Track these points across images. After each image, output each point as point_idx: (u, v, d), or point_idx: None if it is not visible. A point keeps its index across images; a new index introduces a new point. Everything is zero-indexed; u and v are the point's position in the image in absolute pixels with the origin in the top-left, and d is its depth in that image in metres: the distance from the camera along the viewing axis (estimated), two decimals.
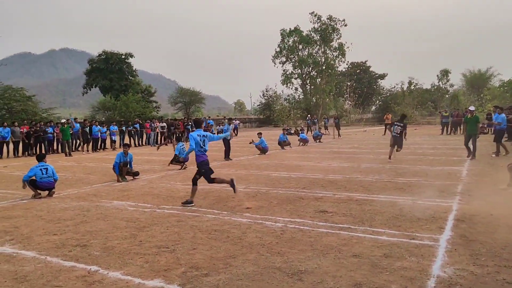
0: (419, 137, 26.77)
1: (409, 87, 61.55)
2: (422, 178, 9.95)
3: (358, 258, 4.59)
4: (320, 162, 13.92)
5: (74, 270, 4.56)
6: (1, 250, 5.36)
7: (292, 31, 64.00)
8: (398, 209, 6.89)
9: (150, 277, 4.26)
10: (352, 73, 73.09)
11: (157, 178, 11.58)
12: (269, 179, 10.65)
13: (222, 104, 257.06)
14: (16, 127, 20.96)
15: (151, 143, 26.45)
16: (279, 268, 4.38)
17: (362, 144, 22.17)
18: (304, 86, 66.20)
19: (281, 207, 7.34)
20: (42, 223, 6.74)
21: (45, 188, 9.13)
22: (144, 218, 6.82)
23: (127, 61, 59.05)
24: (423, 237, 5.31)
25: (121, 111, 47.48)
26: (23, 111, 36.25)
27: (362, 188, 8.89)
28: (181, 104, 64.94)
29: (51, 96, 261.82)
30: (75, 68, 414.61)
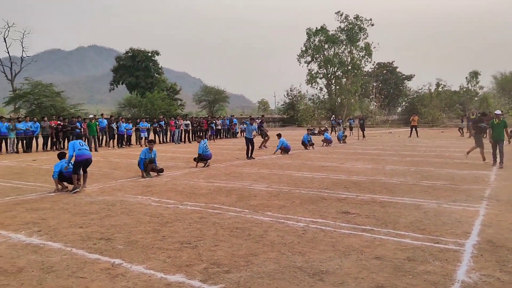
0: (446, 140, 26.26)
1: (437, 89, 60.32)
2: (448, 182, 9.75)
3: (380, 260, 4.54)
4: (344, 163, 13.81)
5: (98, 262, 4.65)
6: (29, 241, 5.51)
7: (318, 31, 63.63)
8: (422, 212, 6.78)
9: (172, 272, 4.31)
10: (379, 73, 72.15)
11: (180, 175, 11.70)
12: (292, 179, 10.62)
13: (246, 103, 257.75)
14: (45, 121, 21.50)
15: (175, 141, 26.73)
16: (300, 268, 4.37)
17: (387, 146, 21.88)
18: (329, 86, 65.76)
19: (303, 207, 7.31)
20: (68, 216, 6.90)
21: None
22: (167, 214, 6.90)
23: (153, 58, 59.85)
24: (448, 241, 5.21)
25: (146, 108, 48.15)
26: (52, 107, 37.12)
27: (386, 190, 8.78)
28: (206, 103, 65.40)
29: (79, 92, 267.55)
30: (102, 65, 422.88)
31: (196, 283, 4.03)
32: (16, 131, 19.90)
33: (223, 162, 14.63)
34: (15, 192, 9.29)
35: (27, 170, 13.14)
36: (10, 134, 19.74)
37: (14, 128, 19.78)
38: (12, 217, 6.85)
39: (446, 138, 28.15)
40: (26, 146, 20.45)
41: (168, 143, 26.61)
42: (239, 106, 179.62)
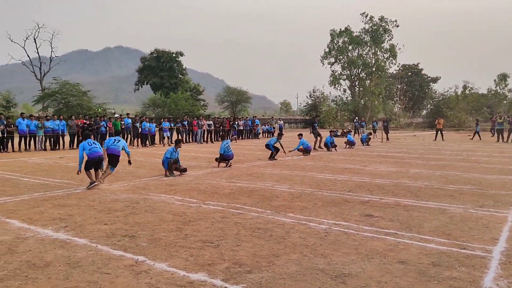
0: (472, 143, 25.70)
1: (464, 92, 59.13)
2: (475, 186, 9.54)
3: (404, 265, 4.48)
4: (367, 166, 13.66)
5: (122, 259, 4.73)
6: (56, 236, 5.65)
7: (342, 32, 63.27)
8: (448, 217, 6.65)
9: (194, 270, 4.35)
10: (403, 75, 71.26)
11: (203, 174, 11.79)
12: (314, 180, 10.58)
13: (268, 104, 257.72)
14: (72, 120, 22.00)
15: (198, 140, 26.96)
16: (322, 270, 4.35)
17: (411, 149, 21.55)
18: (352, 87, 65.25)
19: (326, 209, 7.27)
20: (94, 213, 7.04)
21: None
22: (190, 213, 6.97)
23: (178, 59, 60.53)
24: (474, 247, 5.09)
25: (170, 108, 48.70)
26: (79, 106, 37.93)
27: (410, 194, 8.65)
28: (228, 103, 65.75)
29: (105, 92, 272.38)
30: (128, 66, 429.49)
31: (218, 282, 4.06)
32: (44, 129, 20.44)
33: (245, 163, 14.68)
34: (43, 188, 9.53)
35: (55, 167, 13.47)
36: (39, 132, 20.28)
37: (42, 126, 20.32)
38: (40, 213, 7.03)
39: (473, 142, 27.53)
40: (53, 144, 20.99)
41: (191, 142, 26.85)
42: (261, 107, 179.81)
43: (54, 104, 39.51)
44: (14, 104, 44.76)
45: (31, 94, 50.05)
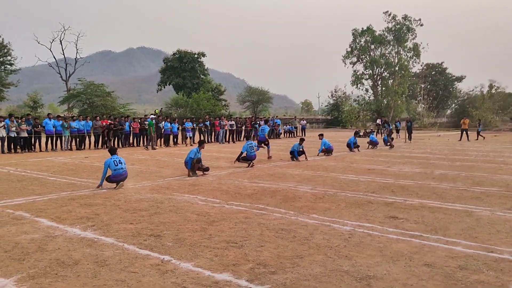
0: (499, 144, 25.11)
1: (490, 91, 57.77)
2: (503, 188, 9.33)
3: (430, 268, 4.43)
4: (391, 167, 13.51)
5: (148, 258, 4.81)
6: (84, 235, 5.78)
7: (364, 31, 62.55)
8: (474, 219, 6.53)
9: (219, 271, 4.40)
10: (427, 74, 70.12)
11: (225, 174, 11.86)
12: (337, 181, 10.52)
13: (289, 103, 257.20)
14: (97, 121, 22.42)
15: (220, 141, 27.11)
16: (347, 272, 4.34)
17: (435, 149, 21.20)
18: (375, 87, 64.48)
19: (349, 210, 7.23)
20: (119, 212, 7.18)
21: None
22: (214, 213, 7.03)
23: (200, 60, 60.94)
24: (503, 251, 4.99)
25: (192, 108, 49.07)
26: (103, 106, 38.61)
27: (436, 196, 8.52)
28: (249, 103, 65.86)
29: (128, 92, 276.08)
30: (150, 66, 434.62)
31: (243, 282, 4.09)
32: (70, 129, 20.90)
33: (267, 163, 14.70)
34: (70, 187, 9.75)
35: (80, 167, 13.76)
36: (65, 132, 20.74)
37: (68, 127, 20.77)
38: (68, 212, 7.21)
39: (500, 142, 26.90)
40: (79, 143, 21.44)
41: (213, 142, 27.02)
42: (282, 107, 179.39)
43: (79, 104, 40.33)
44: (41, 104, 45.91)
45: (57, 95, 51.21)
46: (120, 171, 9.59)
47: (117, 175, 9.55)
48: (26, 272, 4.38)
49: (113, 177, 9.55)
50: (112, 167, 9.53)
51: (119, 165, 9.60)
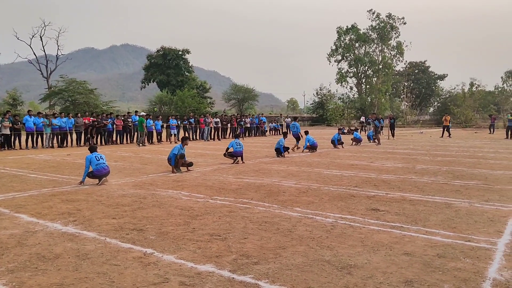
0: (479, 140, 25.57)
1: (471, 89, 58.72)
2: (481, 182, 9.52)
3: (409, 257, 4.51)
4: (373, 162, 13.66)
5: (131, 251, 4.80)
6: (65, 230, 5.73)
7: (349, 29, 63.03)
8: (453, 211, 6.66)
9: (202, 262, 4.41)
10: (410, 73, 70.95)
11: (210, 170, 11.85)
12: (321, 176, 10.60)
13: (275, 102, 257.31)
14: (79, 118, 22.15)
15: (205, 138, 27.05)
16: (329, 261, 4.39)
17: (418, 145, 21.49)
18: (359, 85, 65.05)
19: (332, 203, 7.30)
20: (102, 207, 7.12)
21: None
22: (197, 207, 7.03)
23: (184, 57, 60.66)
24: (479, 239, 5.11)
25: (177, 105, 48.84)
26: (86, 103, 38.16)
27: (417, 189, 8.66)
28: (235, 101, 65.81)
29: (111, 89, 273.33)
30: (134, 63, 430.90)
31: (226, 273, 4.11)
32: (52, 127, 20.60)
33: (252, 159, 14.72)
34: (51, 184, 9.64)
35: (62, 164, 13.60)
36: (46, 129, 20.45)
37: (50, 124, 20.48)
38: (49, 207, 7.12)
39: (480, 138, 27.39)
40: (60, 141, 21.16)
41: (198, 140, 26.94)
42: (268, 105, 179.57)
43: (61, 102, 39.79)
44: (21, 102, 45.18)
45: (38, 92, 50.46)
46: (102, 165, 9.55)
47: (100, 169, 9.49)
48: (5, 267, 4.33)
49: (96, 172, 9.48)
50: (94, 162, 9.47)
51: (100, 160, 9.56)
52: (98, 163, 9.50)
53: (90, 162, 9.50)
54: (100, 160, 9.57)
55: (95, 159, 9.52)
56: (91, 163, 9.49)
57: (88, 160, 9.52)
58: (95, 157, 9.55)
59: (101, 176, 9.53)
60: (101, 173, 9.53)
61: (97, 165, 9.48)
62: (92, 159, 9.52)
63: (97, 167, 9.48)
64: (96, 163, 9.48)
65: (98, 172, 9.49)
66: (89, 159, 9.52)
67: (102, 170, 9.55)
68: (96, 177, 9.53)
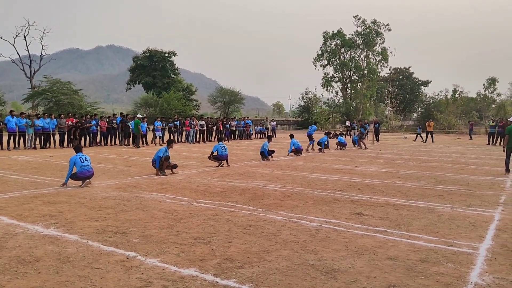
0: (461, 146, 25.96)
1: (454, 95, 59.63)
2: (463, 187, 9.66)
3: (393, 261, 4.54)
4: (358, 166, 13.76)
5: (113, 254, 4.74)
6: (46, 232, 5.63)
7: (335, 34, 63.44)
8: (436, 215, 6.74)
9: (185, 266, 4.37)
10: (395, 78, 71.73)
11: (194, 173, 11.79)
12: (306, 180, 10.63)
13: (261, 105, 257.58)
14: (62, 119, 21.83)
15: (190, 141, 26.91)
16: (313, 266, 4.39)
17: (401, 150, 21.72)
18: (344, 90, 65.50)
19: (317, 207, 7.32)
20: (84, 210, 7.02)
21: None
22: (182, 211, 6.98)
23: (170, 59, 60.41)
24: (461, 244, 5.18)
25: (162, 108, 48.55)
26: (70, 104, 37.67)
27: (400, 194, 8.74)
28: (221, 104, 65.68)
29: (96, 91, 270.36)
30: (119, 65, 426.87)
31: (209, 277, 4.08)
32: (34, 128, 20.25)
33: (237, 162, 14.70)
34: (32, 186, 9.47)
35: (44, 166, 13.38)
36: (29, 130, 20.09)
37: (32, 125, 20.14)
38: (30, 210, 7.00)
39: (462, 144, 27.81)
40: (43, 142, 20.81)
41: (183, 142, 26.80)
42: (254, 108, 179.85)
43: (44, 102, 39.21)
44: (3, 102, 44.32)
45: (21, 93, 49.65)
46: (86, 167, 9.42)
47: (83, 171, 9.37)
48: None
49: (80, 174, 9.36)
50: (78, 164, 9.35)
51: (85, 162, 9.44)
52: (83, 165, 9.38)
53: (74, 163, 9.38)
54: (85, 162, 9.46)
55: (80, 160, 9.40)
56: (75, 164, 9.37)
57: (73, 161, 9.40)
58: (80, 159, 9.43)
59: (84, 178, 9.41)
60: (84, 175, 9.41)
61: (82, 167, 9.36)
62: (77, 160, 9.39)
63: (81, 169, 9.36)
64: (80, 164, 9.36)
65: (81, 174, 9.37)
66: (74, 160, 9.39)
67: (86, 173, 9.43)
68: (79, 179, 9.40)
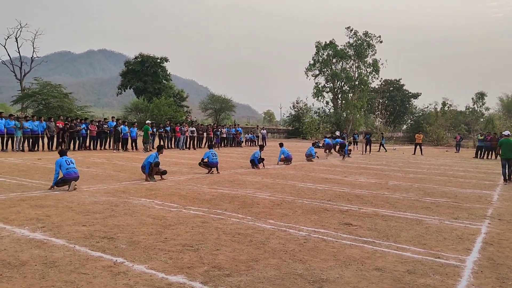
0: (450, 158, 26.22)
1: (443, 108, 60.27)
2: (451, 200, 9.75)
3: (380, 272, 4.56)
4: (347, 176, 13.82)
5: (100, 260, 4.70)
6: (32, 236, 5.57)
7: (327, 45, 63.90)
8: (424, 227, 6.79)
9: (173, 273, 4.35)
10: (385, 90, 72.37)
11: (184, 180, 11.75)
12: (295, 189, 10.66)
13: (252, 113, 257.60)
14: (51, 122, 21.64)
15: (180, 147, 26.83)
16: (301, 275, 4.40)
17: (390, 161, 21.87)
18: (335, 100, 65.86)
19: (306, 216, 7.34)
20: (72, 214, 6.96)
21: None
22: (170, 217, 6.95)
23: (162, 65, 60.29)
24: (449, 256, 5.22)
25: (153, 113, 48.34)
26: (59, 107, 37.30)
27: (389, 205, 8.80)
28: (212, 111, 65.64)
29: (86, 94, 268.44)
30: (111, 69, 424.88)
31: (197, 284, 4.07)
32: (23, 130, 20.05)
33: (227, 170, 14.68)
34: (20, 188, 9.37)
35: (32, 168, 13.25)
36: (17, 133, 19.87)
37: (21, 127, 19.93)
38: (17, 213, 6.92)
39: (450, 157, 28.09)
40: (32, 145, 20.60)
41: (173, 148, 26.70)
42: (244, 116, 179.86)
43: (34, 105, 38.78)
44: None
45: (10, 94, 49.12)
46: (72, 169, 9.43)
47: (69, 173, 9.36)
48: None
49: (66, 175, 9.33)
50: (64, 166, 9.36)
51: (70, 165, 9.46)
52: (69, 167, 9.39)
53: (60, 166, 9.34)
54: (71, 164, 9.47)
55: (65, 163, 9.40)
56: (61, 167, 9.34)
57: (58, 164, 9.38)
58: (65, 161, 9.43)
59: (70, 179, 9.34)
60: (71, 177, 9.38)
61: (67, 169, 9.35)
62: (62, 163, 9.39)
63: (67, 171, 9.35)
64: (66, 167, 9.36)
65: (68, 176, 9.34)
66: (59, 163, 9.39)
67: (72, 174, 9.42)
68: (66, 182, 9.34)
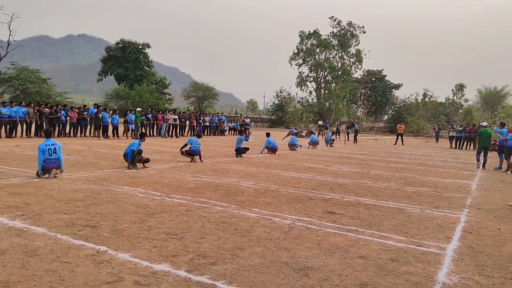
0: (430, 149, 26.65)
1: (424, 99, 61.10)
2: (432, 189, 9.92)
3: (364, 260, 4.62)
4: (330, 166, 13.92)
5: (83, 248, 4.63)
6: (12, 224, 5.45)
7: (311, 34, 63.93)
8: (406, 216, 6.89)
9: (158, 261, 4.32)
10: (367, 80, 72.90)
11: (167, 168, 11.66)
12: (279, 178, 10.68)
13: (235, 102, 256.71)
14: (31, 107, 21.16)
15: (162, 135, 26.59)
16: (286, 263, 4.41)
17: (372, 151, 22.12)
18: (318, 90, 66.16)
19: (290, 205, 7.37)
20: (52, 202, 6.84)
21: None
22: (154, 205, 6.89)
23: (144, 51, 59.49)
24: (430, 245, 5.31)
25: (134, 100, 47.78)
26: (37, 93, 36.54)
27: (371, 194, 8.90)
28: (194, 99, 65.21)
29: (65, 80, 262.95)
30: (91, 55, 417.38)
31: (182, 273, 4.05)
32: (0, 116, 19.53)
33: (211, 158, 14.63)
34: None
35: (10, 155, 12.95)
36: None
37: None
38: None
39: (430, 147, 28.55)
40: (9, 131, 20.10)
41: (155, 136, 26.45)
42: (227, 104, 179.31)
43: (11, 90, 37.88)
44: None
45: None
46: (52, 161, 9.24)
47: (50, 163, 9.20)
48: None
49: (47, 165, 9.14)
50: (46, 156, 9.11)
51: (53, 155, 9.22)
52: (50, 158, 9.18)
53: (42, 152, 9.13)
54: (53, 155, 9.24)
55: (48, 153, 9.17)
56: (44, 154, 9.13)
57: (41, 150, 9.16)
58: (49, 150, 9.20)
59: (50, 169, 9.17)
60: (51, 167, 9.19)
61: (48, 160, 9.16)
62: (45, 150, 9.16)
63: (47, 162, 9.15)
64: (47, 157, 9.15)
65: (48, 166, 9.16)
66: (42, 149, 9.15)
67: (52, 164, 9.22)
68: (46, 172, 9.15)
